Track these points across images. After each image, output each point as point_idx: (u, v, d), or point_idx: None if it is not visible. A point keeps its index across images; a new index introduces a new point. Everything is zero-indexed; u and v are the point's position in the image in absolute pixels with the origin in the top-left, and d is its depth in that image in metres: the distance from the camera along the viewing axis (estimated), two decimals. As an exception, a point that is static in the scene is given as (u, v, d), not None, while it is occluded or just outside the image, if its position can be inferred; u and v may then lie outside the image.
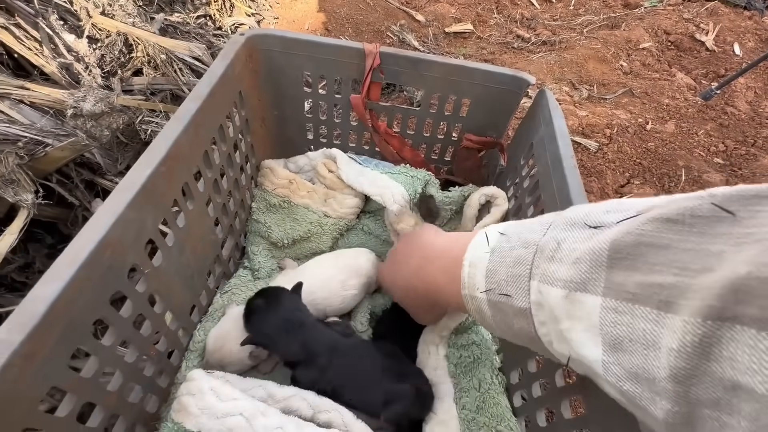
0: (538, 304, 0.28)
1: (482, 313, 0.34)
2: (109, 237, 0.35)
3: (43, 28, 0.63)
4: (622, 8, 2.09)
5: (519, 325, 0.30)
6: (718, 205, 0.20)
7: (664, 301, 0.21)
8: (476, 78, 0.65)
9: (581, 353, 0.25)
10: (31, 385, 0.29)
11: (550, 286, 0.27)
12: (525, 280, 0.29)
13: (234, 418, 0.45)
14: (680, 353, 0.19)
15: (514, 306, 0.30)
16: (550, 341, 0.28)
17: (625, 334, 0.22)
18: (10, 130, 0.49)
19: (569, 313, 0.25)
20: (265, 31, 0.64)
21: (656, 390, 0.21)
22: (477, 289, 0.33)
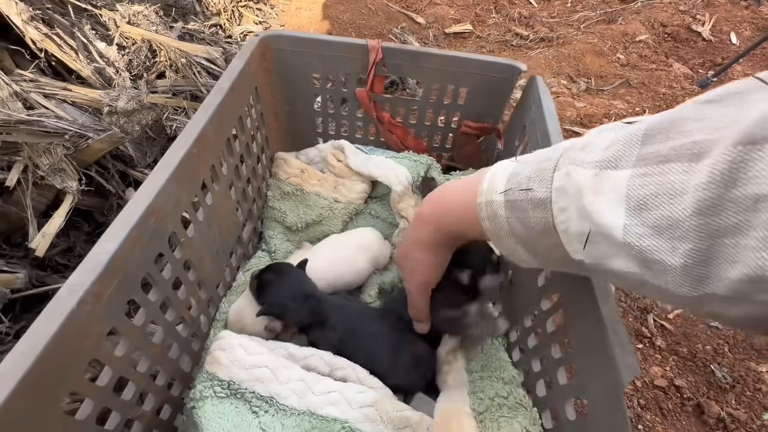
0: (560, 190, 0.28)
1: (495, 217, 0.34)
2: (153, 205, 0.41)
3: (79, 37, 0.70)
4: (619, 3, 2.13)
5: (536, 217, 0.30)
6: (759, 78, 0.21)
7: (696, 153, 0.22)
8: (472, 68, 0.71)
9: (602, 222, 0.25)
10: (98, 320, 0.35)
11: (579, 168, 0.27)
12: (549, 172, 0.29)
13: (260, 370, 0.50)
14: (708, 185, 0.20)
15: (534, 198, 0.30)
16: (567, 226, 0.28)
17: (652, 192, 0.23)
18: (58, 124, 0.56)
19: (596, 188, 0.26)
20: (277, 32, 0.71)
21: (677, 235, 0.22)
22: (496, 191, 0.33)
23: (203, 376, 0.49)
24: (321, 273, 0.64)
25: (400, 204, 0.73)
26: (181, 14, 1.40)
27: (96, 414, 0.36)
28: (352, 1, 1.92)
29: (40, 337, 0.30)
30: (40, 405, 0.30)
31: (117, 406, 0.40)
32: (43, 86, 0.62)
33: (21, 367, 0.28)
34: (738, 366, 0.75)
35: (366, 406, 0.50)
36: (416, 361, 0.58)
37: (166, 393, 0.50)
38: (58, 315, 0.31)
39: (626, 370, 0.33)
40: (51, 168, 0.55)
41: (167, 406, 0.51)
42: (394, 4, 1.99)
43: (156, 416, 0.48)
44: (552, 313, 0.47)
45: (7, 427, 0.28)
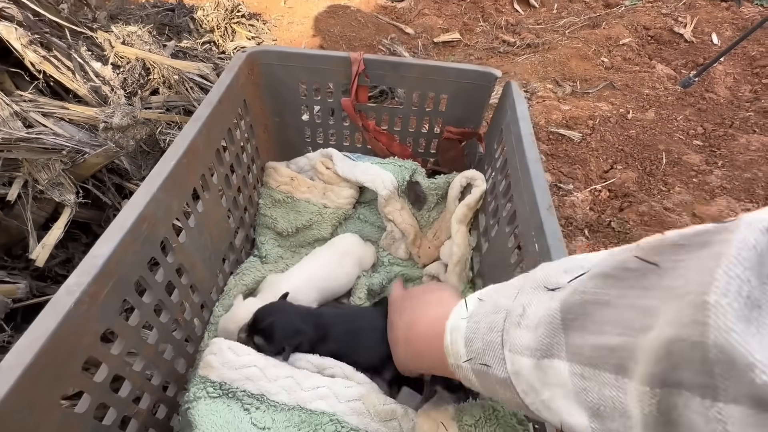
0: (516, 374, 0.27)
1: (470, 381, 0.33)
2: (145, 212, 0.44)
3: (76, 58, 0.74)
4: (603, 8, 2.19)
5: (505, 395, 0.29)
6: (642, 258, 0.20)
7: (617, 365, 0.20)
8: (450, 75, 0.74)
9: (570, 422, 0.24)
10: (94, 320, 0.38)
11: (520, 356, 0.26)
12: (499, 348, 0.28)
13: (250, 369, 0.53)
14: (647, 425, 0.19)
15: (495, 376, 0.29)
16: (538, 410, 0.27)
17: (599, 401, 0.22)
18: (56, 141, 0.59)
19: (544, 382, 0.25)
20: (264, 47, 0.74)
21: None
22: (460, 358, 0.33)
23: (196, 380, 0.51)
24: (314, 286, 0.67)
25: (387, 208, 0.76)
26: (175, 32, 1.44)
27: (94, 408, 0.39)
28: (343, 15, 1.97)
29: (39, 334, 0.32)
30: (40, 398, 0.33)
31: (114, 402, 0.42)
32: (41, 105, 0.65)
33: (22, 361, 0.31)
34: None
35: (353, 400, 0.52)
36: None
37: (162, 393, 0.52)
38: (56, 314, 0.34)
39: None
40: (50, 182, 0.59)
41: (163, 407, 0.53)
42: (383, 15, 2.05)
43: (152, 415, 0.50)
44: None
45: (10, 419, 0.30)
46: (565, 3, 2.28)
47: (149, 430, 0.50)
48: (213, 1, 1.66)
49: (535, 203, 0.50)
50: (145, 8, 1.66)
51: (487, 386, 0.31)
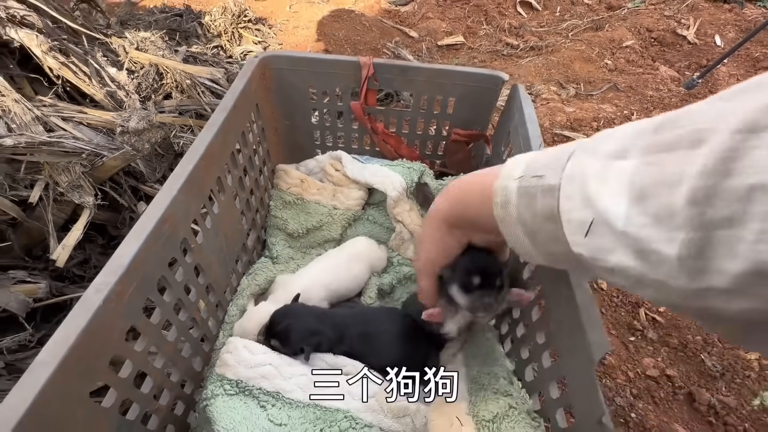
0: (570, 177, 0.29)
1: (507, 204, 0.34)
2: (166, 213, 0.45)
3: (92, 64, 0.75)
4: (606, 10, 2.20)
5: (543, 204, 0.31)
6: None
7: (696, 140, 0.22)
8: (457, 79, 0.76)
9: (604, 210, 0.25)
10: (120, 317, 0.39)
11: (591, 157, 0.28)
12: (564, 161, 0.30)
13: (265, 367, 0.54)
14: (702, 174, 0.20)
15: (544, 185, 0.30)
16: (570, 215, 0.28)
17: (654, 181, 0.23)
18: (76, 144, 0.61)
19: (602, 177, 0.26)
20: (275, 52, 0.76)
21: (674, 224, 0.22)
22: (512, 177, 0.34)
23: (213, 378, 0.52)
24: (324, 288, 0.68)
25: (396, 209, 0.77)
26: (184, 37, 1.47)
27: (119, 403, 0.40)
28: (348, 19, 1.99)
29: (71, 330, 0.34)
30: (72, 391, 0.34)
31: (137, 398, 0.43)
32: (61, 110, 0.67)
33: (57, 356, 0.32)
34: (727, 354, 0.78)
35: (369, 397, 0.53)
36: (425, 355, 0.62)
37: (180, 390, 0.53)
38: (87, 311, 0.35)
39: (597, 347, 0.37)
40: (70, 185, 0.60)
41: (181, 403, 0.54)
42: (387, 19, 2.07)
43: (171, 412, 0.51)
44: (536, 302, 0.51)
45: (45, 410, 0.32)
46: (568, 5, 2.29)
47: (168, 426, 0.51)
48: (220, 7, 1.68)
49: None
50: (154, 14, 1.69)
51: (525, 201, 0.32)
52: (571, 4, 2.30)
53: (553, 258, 0.34)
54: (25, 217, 0.60)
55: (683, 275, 0.22)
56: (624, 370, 0.76)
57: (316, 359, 0.59)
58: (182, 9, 1.69)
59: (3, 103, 0.60)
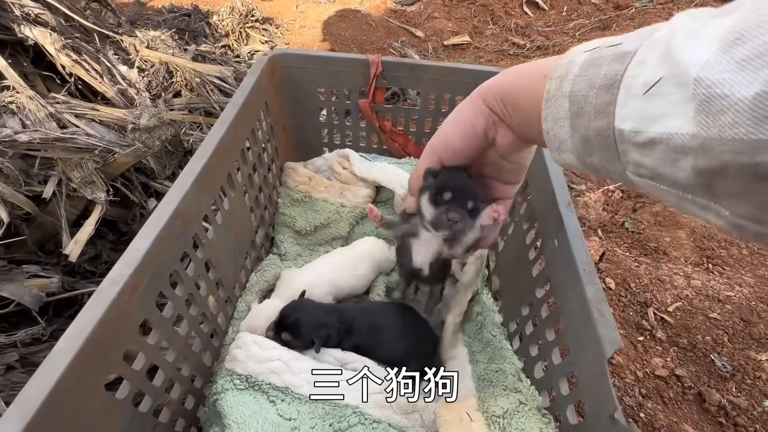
0: (653, 42, 0.26)
1: (565, 77, 0.31)
2: (179, 208, 0.45)
3: (103, 62, 0.76)
4: (613, 10, 2.19)
5: (606, 72, 0.28)
6: None
7: None
8: (466, 77, 0.76)
9: (682, 59, 0.23)
10: (134, 311, 0.39)
11: (690, 18, 0.25)
12: (649, 31, 0.27)
13: (274, 363, 0.54)
14: None
15: (619, 51, 0.28)
16: (634, 81, 0.26)
17: (754, 23, 0.20)
18: (89, 141, 0.61)
19: (693, 32, 0.23)
20: (284, 50, 0.76)
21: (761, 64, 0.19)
22: (583, 50, 0.31)
23: (223, 372, 0.53)
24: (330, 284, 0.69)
25: (403, 207, 0.77)
26: (192, 37, 1.48)
27: (132, 394, 0.40)
28: (354, 18, 2.00)
29: (87, 321, 0.34)
30: (87, 382, 0.35)
31: (149, 390, 0.44)
32: (73, 107, 0.68)
33: (74, 346, 0.33)
34: (738, 355, 0.77)
35: (375, 393, 0.53)
36: (433, 345, 0.63)
37: (190, 385, 0.54)
38: (103, 303, 0.35)
39: (609, 343, 0.37)
40: (82, 181, 0.61)
41: (191, 397, 0.54)
42: (393, 19, 2.07)
43: (181, 405, 0.52)
44: (545, 299, 0.51)
45: (62, 400, 0.32)
46: (575, 5, 2.29)
47: (178, 419, 0.51)
48: (228, 7, 1.69)
49: (554, 201, 0.51)
50: (162, 14, 1.71)
51: (583, 73, 0.29)
52: (578, 3, 2.29)
53: (586, 143, 0.30)
54: (38, 211, 0.61)
55: (748, 122, 0.20)
56: (632, 369, 0.76)
57: (325, 354, 0.59)
58: (190, 9, 1.71)
59: (18, 100, 0.61)
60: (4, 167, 0.55)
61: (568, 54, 0.32)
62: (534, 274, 0.54)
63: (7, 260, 0.59)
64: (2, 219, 0.56)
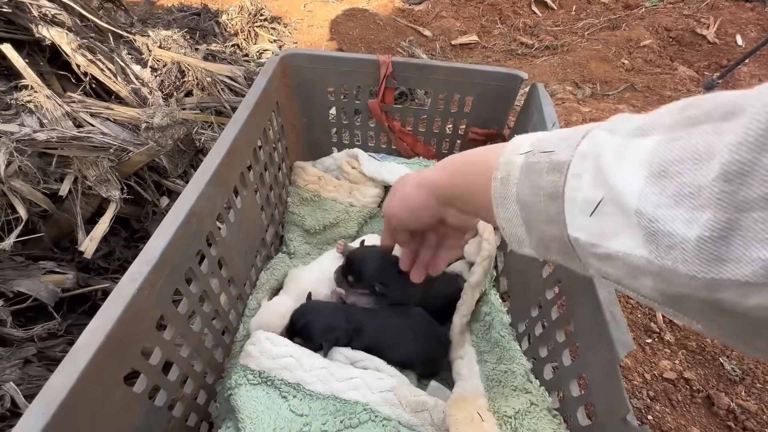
0: (582, 155, 0.27)
1: (508, 180, 0.32)
2: (195, 207, 0.46)
3: (117, 61, 0.77)
4: (623, 9, 2.17)
5: (548, 181, 0.29)
6: None
7: (729, 112, 0.20)
8: (476, 78, 0.76)
9: (617, 186, 0.23)
10: (152, 307, 0.40)
11: (609, 134, 0.26)
12: (578, 138, 0.28)
13: (286, 359, 0.55)
14: (738, 147, 0.18)
15: (553, 161, 0.28)
16: (576, 194, 0.26)
17: (677, 157, 0.21)
18: (104, 140, 0.62)
19: (619, 153, 0.24)
20: (296, 50, 0.77)
21: (697, 204, 0.20)
22: (518, 152, 0.32)
23: (237, 368, 0.54)
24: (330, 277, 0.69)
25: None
26: (201, 36, 1.49)
27: (149, 389, 0.41)
28: (362, 18, 2.00)
29: (109, 317, 0.35)
30: (108, 376, 0.35)
31: (165, 385, 0.45)
32: (89, 106, 0.69)
33: (95, 341, 0.34)
34: (747, 359, 0.76)
35: (385, 391, 0.54)
36: (443, 347, 0.64)
37: (202, 380, 0.55)
38: (123, 299, 0.36)
39: (621, 345, 0.37)
40: (98, 179, 0.62)
41: (203, 392, 0.55)
42: (401, 18, 2.07)
43: (194, 401, 0.53)
44: (555, 301, 0.51)
45: (84, 393, 0.33)
46: (584, 4, 2.27)
47: (191, 414, 0.52)
48: (237, 6, 1.70)
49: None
50: (172, 12, 1.72)
51: (525, 179, 0.30)
52: (587, 2, 2.28)
53: (544, 245, 0.31)
54: (55, 209, 0.62)
55: (698, 261, 0.20)
56: (640, 372, 0.75)
57: (335, 353, 0.60)
58: (200, 8, 1.72)
59: (35, 99, 0.62)
60: (23, 165, 0.56)
61: (504, 150, 0.33)
62: (544, 275, 0.54)
63: (24, 256, 0.60)
64: (21, 216, 0.57)
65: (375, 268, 0.63)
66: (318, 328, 0.58)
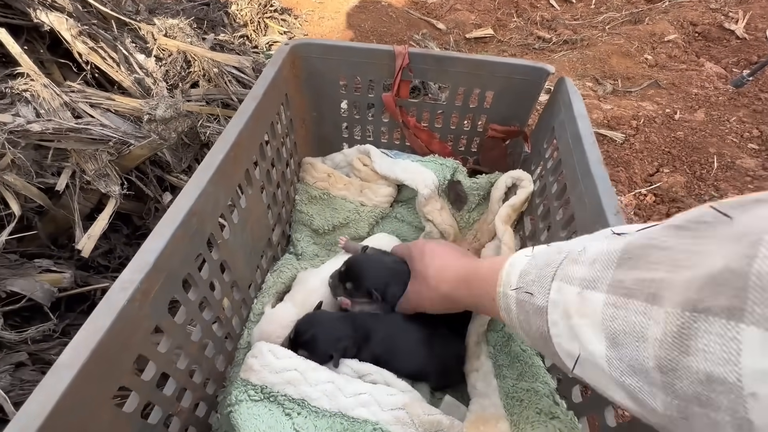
0: (554, 303, 0.29)
1: (509, 311, 0.36)
2: (195, 206, 0.42)
3: (121, 50, 0.74)
4: (645, 3, 2.08)
5: (536, 324, 0.31)
6: (717, 209, 0.21)
7: (652, 293, 0.22)
8: (498, 71, 0.71)
9: (589, 349, 0.25)
10: (145, 317, 0.36)
11: (568, 285, 0.28)
12: (548, 280, 0.30)
13: (290, 373, 0.51)
14: (663, 343, 0.20)
15: (534, 304, 0.31)
16: (560, 341, 0.29)
17: (621, 328, 0.23)
18: (103, 132, 0.59)
19: (580, 310, 0.26)
20: (306, 40, 0.73)
21: (651, 381, 0.21)
22: (510, 286, 0.35)
23: (238, 383, 0.50)
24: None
25: (426, 207, 0.73)
26: (210, 26, 1.45)
27: (141, 407, 0.38)
28: (374, 9, 1.95)
29: (94, 331, 0.31)
30: (93, 396, 0.32)
31: (159, 400, 0.41)
32: (89, 96, 0.65)
33: (78, 359, 0.30)
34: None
35: (397, 409, 0.49)
36: (457, 357, 0.60)
37: (202, 391, 0.51)
38: (111, 311, 0.33)
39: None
40: (96, 173, 0.59)
41: (203, 404, 0.52)
42: (414, 11, 2.01)
43: (192, 413, 0.49)
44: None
45: (65, 417, 0.29)
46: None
47: (189, 428, 0.49)
48: (247, -4, 1.66)
49: (600, 207, 0.46)
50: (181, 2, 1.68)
51: (523, 315, 0.34)
52: (607, -5, 2.19)
53: (562, 366, 0.32)
54: (51, 204, 0.59)
55: (679, 428, 0.21)
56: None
57: (342, 365, 0.56)
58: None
59: (32, 88, 0.59)
60: (16, 158, 0.53)
61: (500, 280, 0.38)
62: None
63: (19, 254, 0.57)
64: (14, 212, 0.54)
65: (374, 275, 0.59)
66: (324, 340, 0.54)
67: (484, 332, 0.64)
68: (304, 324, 0.55)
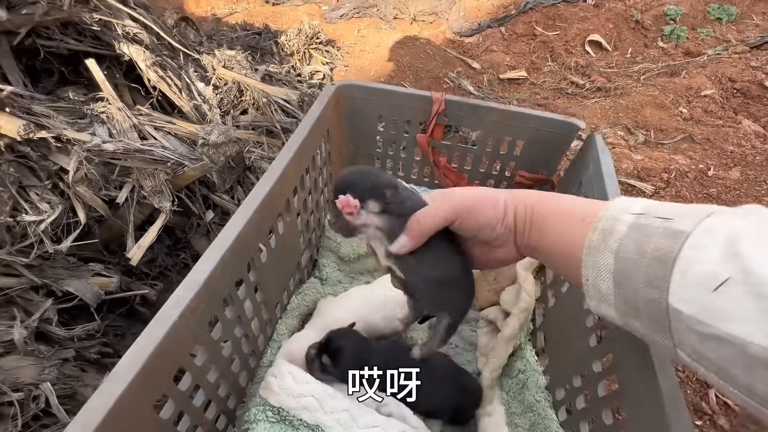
0: (708, 230, 0.26)
1: (611, 232, 0.31)
2: (242, 232, 0.47)
3: (185, 78, 0.82)
4: (683, 56, 2.10)
5: (659, 245, 0.28)
6: None
7: None
8: (530, 122, 0.74)
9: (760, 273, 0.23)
10: (189, 333, 0.40)
11: (743, 221, 0.26)
12: (702, 215, 0.27)
13: (307, 399, 0.53)
14: None
15: (670, 228, 0.28)
16: (691, 265, 0.26)
17: None
18: (164, 153, 0.66)
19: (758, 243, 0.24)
20: (352, 82, 0.79)
21: None
22: (628, 211, 0.31)
23: (257, 400, 0.52)
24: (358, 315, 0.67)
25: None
26: (261, 54, 1.57)
27: (176, 414, 0.41)
28: (412, 46, 2.04)
29: (150, 341, 0.35)
30: (141, 401, 0.35)
31: (190, 410, 0.44)
32: (154, 120, 0.73)
33: (135, 365, 0.34)
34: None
35: (410, 444, 0.51)
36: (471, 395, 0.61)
37: (225, 405, 0.54)
38: (165, 324, 0.37)
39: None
40: (152, 190, 0.65)
41: (223, 417, 0.55)
42: (451, 49, 2.10)
43: (213, 425, 0.52)
44: (604, 376, 0.47)
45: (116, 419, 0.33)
46: (640, 48, 2.21)
47: (210, 439, 0.51)
48: (296, 28, 1.79)
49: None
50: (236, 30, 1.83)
51: (635, 237, 0.29)
52: (644, 46, 2.22)
53: (632, 307, 0.29)
54: (111, 215, 0.66)
55: None
56: (688, 458, 0.68)
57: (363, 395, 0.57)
58: (261, 28, 1.82)
59: (108, 111, 0.66)
60: (89, 173, 0.60)
61: (609, 207, 0.33)
62: (591, 344, 0.50)
63: (77, 257, 0.63)
64: (80, 219, 0.60)
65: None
66: (349, 357, 0.56)
67: (498, 377, 0.64)
68: (338, 335, 0.57)
